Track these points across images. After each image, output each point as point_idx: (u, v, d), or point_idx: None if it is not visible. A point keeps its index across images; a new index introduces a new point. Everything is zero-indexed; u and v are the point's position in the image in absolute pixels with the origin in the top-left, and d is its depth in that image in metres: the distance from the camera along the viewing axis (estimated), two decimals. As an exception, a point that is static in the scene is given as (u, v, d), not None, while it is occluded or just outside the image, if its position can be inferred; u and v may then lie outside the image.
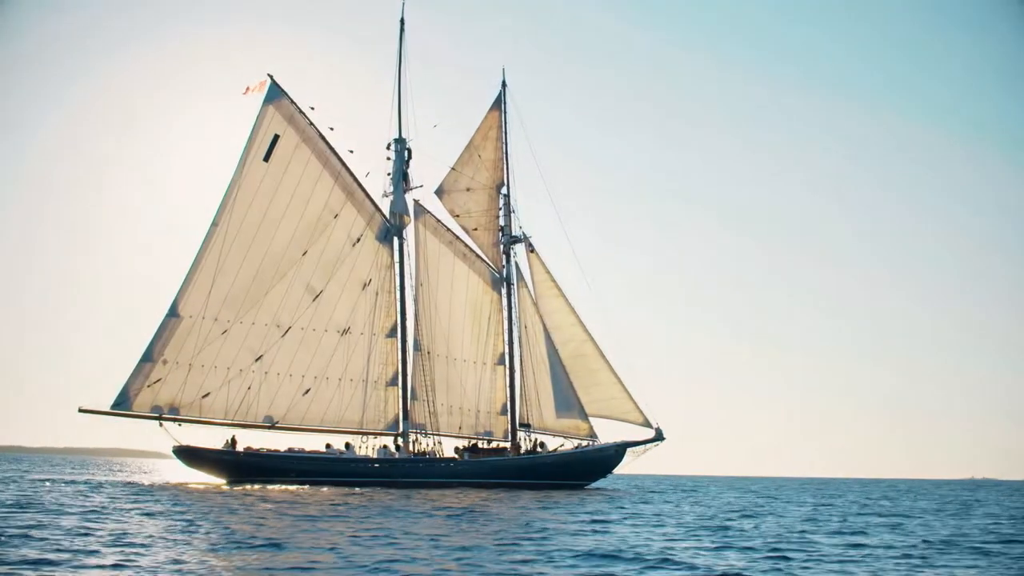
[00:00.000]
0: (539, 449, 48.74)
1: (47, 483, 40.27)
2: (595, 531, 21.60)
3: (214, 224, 43.97)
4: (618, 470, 50.32)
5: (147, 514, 22.95)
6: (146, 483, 43.22)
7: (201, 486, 39.21)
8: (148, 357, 42.35)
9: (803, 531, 24.07)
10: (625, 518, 26.70)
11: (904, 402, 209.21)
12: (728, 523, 26.22)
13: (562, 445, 49.42)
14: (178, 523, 20.48)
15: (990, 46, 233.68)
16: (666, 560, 16.28)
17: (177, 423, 42.47)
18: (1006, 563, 17.70)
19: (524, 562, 15.36)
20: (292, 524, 20.77)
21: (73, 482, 42.59)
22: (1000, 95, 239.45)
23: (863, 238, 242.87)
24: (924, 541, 21.68)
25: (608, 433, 50.07)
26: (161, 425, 42.22)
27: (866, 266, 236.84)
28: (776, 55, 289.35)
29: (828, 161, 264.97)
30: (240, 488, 38.32)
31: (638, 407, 49.84)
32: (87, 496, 30.53)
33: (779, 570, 15.58)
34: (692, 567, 15.55)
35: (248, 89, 44.90)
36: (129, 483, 43.15)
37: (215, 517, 22.06)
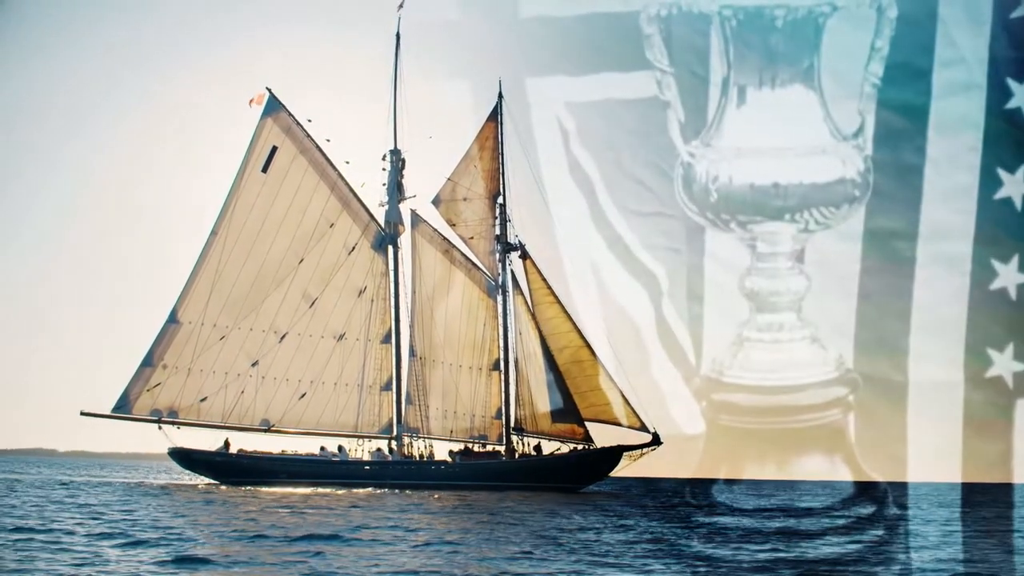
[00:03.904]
0: (535, 453, 49.38)
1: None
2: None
3: (213, 233, 45.31)
4: (614, 472, 50.73)
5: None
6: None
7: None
8: (148, 362, 43.70)
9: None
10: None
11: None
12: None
13: (558, 449, 50.03)
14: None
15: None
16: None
17: (176, 426, 43.82)
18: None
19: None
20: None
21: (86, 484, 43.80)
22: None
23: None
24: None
25: (606, 437, 50.60)
26: (160, 428, 43.53)
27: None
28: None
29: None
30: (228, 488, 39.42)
31: (635, 412, 50.15)
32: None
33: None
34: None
35: (251, 102, 46.45)
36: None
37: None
